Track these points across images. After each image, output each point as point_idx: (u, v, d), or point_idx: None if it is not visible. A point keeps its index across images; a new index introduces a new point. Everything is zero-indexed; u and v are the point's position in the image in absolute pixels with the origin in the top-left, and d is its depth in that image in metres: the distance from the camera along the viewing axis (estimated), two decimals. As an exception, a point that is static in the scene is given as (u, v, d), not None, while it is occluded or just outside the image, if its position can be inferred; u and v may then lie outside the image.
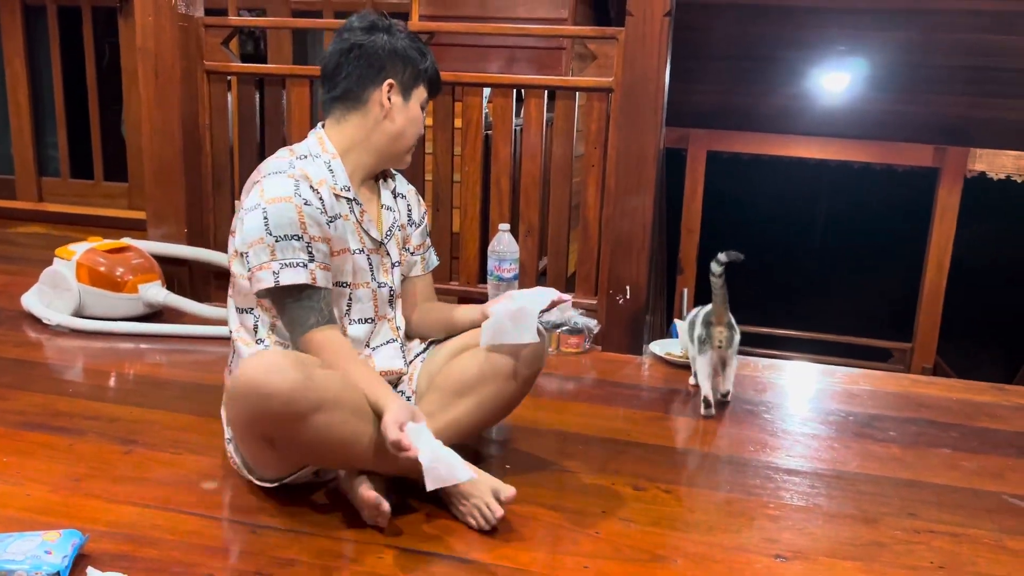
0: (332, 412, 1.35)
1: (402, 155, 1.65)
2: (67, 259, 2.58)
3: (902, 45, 5.10)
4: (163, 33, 2.74)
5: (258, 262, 1.45)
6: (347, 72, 1.56)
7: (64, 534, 1.29)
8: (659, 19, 2.41)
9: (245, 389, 1.34)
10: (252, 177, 1.54)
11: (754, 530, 1.51)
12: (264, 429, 1.38)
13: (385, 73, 1.57)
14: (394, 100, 1.58)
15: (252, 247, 1.45)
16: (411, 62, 1.59)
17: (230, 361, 1.61)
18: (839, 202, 7.55)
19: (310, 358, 1.41)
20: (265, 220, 1.44)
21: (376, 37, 1.56)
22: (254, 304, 1.53)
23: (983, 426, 2.11)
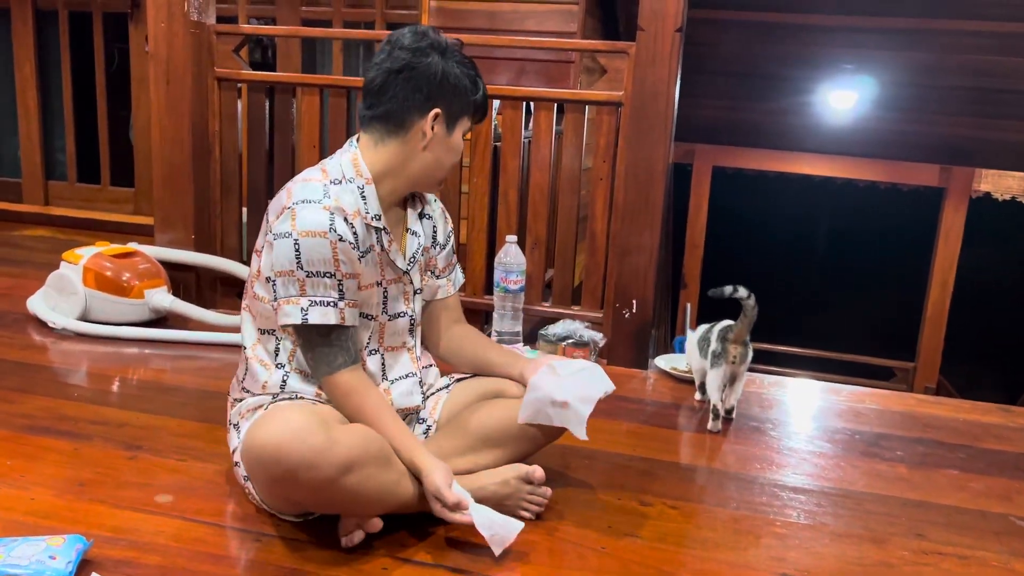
0: (359, 472, 1.31)
1: (436, 183, 1.57)
2: (74, 263, 2.58)
3: (909, 65, 5.12)
4: (175, 39, 2.75)
5: (286, 295, 1.39)
6: (393, 93, 1.45)
7: (68, 539, 1.28)
8: (671, 34, 2.42)
9: (265, 456, 1.29)
10: (281, 198, 1.44)
11: (760, 548, 1.50)
12: (288, 493, 1.36)
13: (433, 102, 1.46)
14: (437, 130, 1.48)
15: (281, 277, 1.39)
16: (462, 92, 1.48)
17: (242, 377, 1.52)
18: (844, 220, 7.56)
19: (330, 413, 1.38)
20: (297, 253, 1.37)
21: (430, 60, 1.44)
22: (276, 327, 1.47)
23: (990, 447, 2.10)
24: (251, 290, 1.49)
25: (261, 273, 1.44)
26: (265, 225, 1.46)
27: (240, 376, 1.54)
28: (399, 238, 1.57)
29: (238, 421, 1.51)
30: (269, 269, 1.41)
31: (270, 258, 1.40)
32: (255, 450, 1.30)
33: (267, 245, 1.41)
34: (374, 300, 1.52)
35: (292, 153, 2.93)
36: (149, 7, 2.75)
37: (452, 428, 1.57)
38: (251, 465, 1.36)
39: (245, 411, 1.50)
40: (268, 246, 1.41)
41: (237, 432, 1.50)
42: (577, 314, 2.68)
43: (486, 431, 1.55)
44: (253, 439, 1.31)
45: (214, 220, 2.95)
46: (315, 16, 4.07)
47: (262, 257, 1.44)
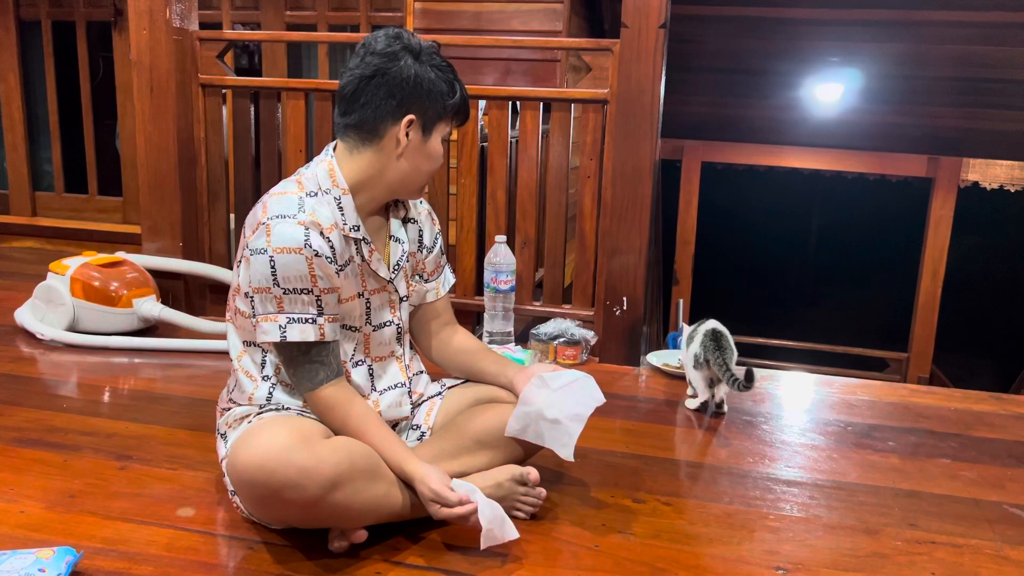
0: (345, 488, 1.30)
1: (417, 190, 1.53)
2: (61, 274, 2.56)
3: (895, 56, 5.14)
4: (158, 47, 2.74)
5: (264, 311, 1.37)
6: (365, 100, 1.41)
7: (58, 551, 1.27)
8: (654, 31, 2.42)
9: (250, 477, 1.27)
10: (256, 212, 1.41)
11: (754, 542, 1.50)
12: (274, 511, 1.35)
13: (406, 107, 1.42)
14: (412, 137, 1.44)
15: (259, 294, 1.36)
16: (437, 96, 1.44)
17: (231, 387, 1.51)
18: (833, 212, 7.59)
19: (315, 429, 1.37)
20: (273, 269, 1.34)
21: (403, 64, 1.40)
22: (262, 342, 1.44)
23: (982, 436, 2.11)
24: (233, 303, 1.48)
25: (240, 288, 1.42)
26: (242, 239, 1.42)
27: (229, 386, 1.53)
28: (382, 246, 1.54)
29: (225, 431, 1.50)
30: (247, 285, 1.38)
31: (248, 273, 1.37)
32: (240, 470, 1.29)
33: (244, 260, 1.39)
34: (357, 312, 1.50)
35: (279, 158, 2.92)
36: (131, 15, 2.74)
37: (446, 432, 1.57)
38: (237, 483, 1.35)
39: (232, 421, 1.49)
40: (245, 261, 1.38)
41: (225, 442, 1.49)
42: (568, 313, 2.68)
43: (480, 434, 1.55)
44: (237, 458, 1.30)
45: (201, 227, 2.94)
46: (300, 20, 4.05)
47: (240, 272, 1.41)
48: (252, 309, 1.39)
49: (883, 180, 5.82)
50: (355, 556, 1.38)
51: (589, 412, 1.53)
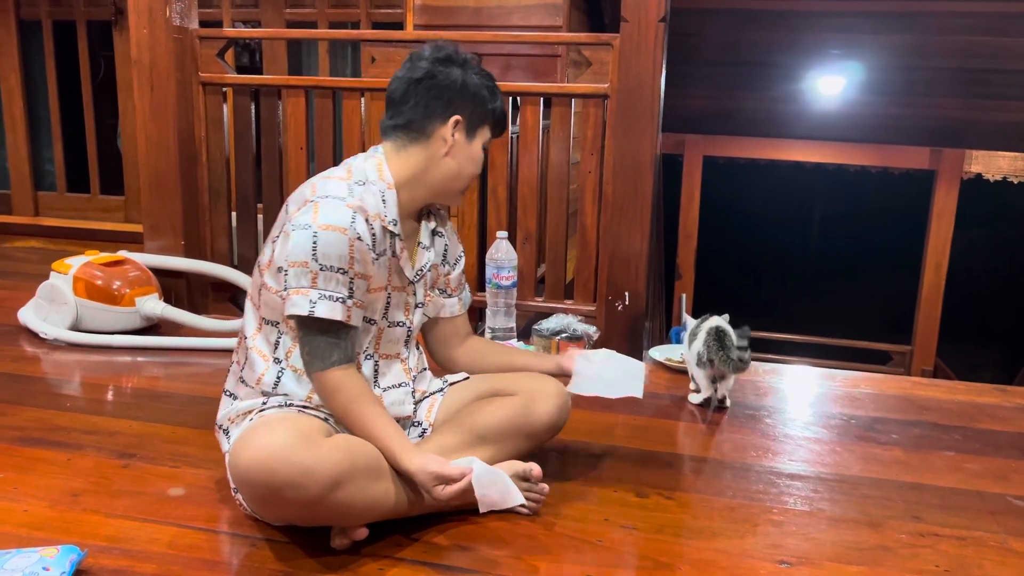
0: (346, 487, 1.30)
1: (457, 193, 1.60)
2: (64, 273, 2.57)
3: (896, 48, 5.12)
4: (158, 45, 2.74)
5: (296, 285, 1.38)
6: (415, 102, 1.50)
7: (62, 550, 1.27)
8: (654, 24, 2.41)
9: (250, 476, 1.28)
10: (303, 191, 1.47)
11: (758, 536, 1.50)
12: (275, 510, 1.35)
13: (453, 108, 1.51)
14: (457, 137, 1.52)
15: (294, 267, 1.37)
16: (481, 100, 1.54)
17: (242, 364, 1.51)
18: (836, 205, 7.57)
19: (316, 427, 1.37)
20: (314, 245, 1.36)
21: (450, 70, 1.51)
22: (281, 320, 1.46)
23: (986, 428, 2.10)
24: (260, 279, 1.48)
25: (273, 263, 1.43)
26: (283, 216, 1.47)
27: (240, 362, 1.52)
28: (411, 249, 1.58)
29: (228, 426, 1.50)
30: (283, 259, 1.39)
31: (285, 248, 1.39)
32: (241, 469, 1.29)
33: (283, 235, 1.41)
34: (379, 304, 1.52)
35: (280, 156, 2.92)
36: (131, 13, 2.74)
37: (448, 427, 1.57)
38: (238, 481, 1.35)
39: (235, 416, 1.49)
40: (284, 236, 1.40)
41: (227, 437, 1.49)
42: (570, 308, 2.68)
43: (482, 429, 1.55)
44: (239, 457, 1.30)
45: (203, 225, 2.94)
46: (300, 18, 4.04)
47: (276, 247, 1.43)
48: (284, 283, 1.39)
49: (886, 172, 5.80)
50: (357, 553, 1.38)
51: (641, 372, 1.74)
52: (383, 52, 2.75)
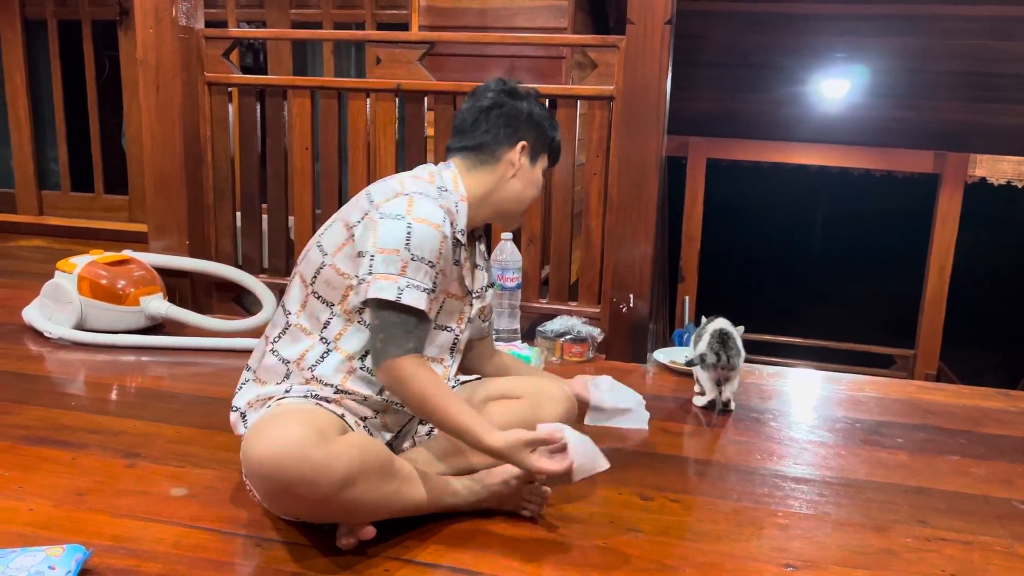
0: (358, 486, 1.30)
1: (517, 215, 1.71)
2: (68, 272, 2.57)
3: (901, 51, 5.11)
4: (164, 45, 2.74)
5: (385, 271, 1.40)
6: (485, 128, 1.61)
7: (67, 549, 1.27)
8: (660, 27, 2.41)
9: (263, 471, 1.27)
10: (390, 184, 1.52)
11: (763, 539, 1.50)
12: (285, 506, 1.35)
13: (520, 135, 1.62)
14: (523, 161, 1.63)
15: (383, 254, 1.41)
16: (543, 129, 1.66)
17: (274, 337, 1.52)
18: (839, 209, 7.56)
19: (331, 423, 1.37)
20: (408, 235, 1.41)
21: (517, 102, 1.63)
22: (338, 302, 1.47)
23: (991, 432, 2.10)
24: (321, 258, 1.49)
25: (350, 247, 1.46)
26: (364, 202, 1.49)
27: (272, 336, 1.53)
28: (470, 265, 1.66)
29: (246, 410, 1.50)
30: (369, 245, 1.42)
31: (372, 235, 1.42)
32: (253, 462, 1.29)
33: (369, 222, 1.44)
34: (435, 306, 1.56)
35: (285, 156, 2.92)
36: (136, 13, 2.74)
37: None
38: (249, 474, 1.34)
39: (254, 400, 1.49)
40: (370, 223, 1.44)
41: (244, 422, 1.49)
42: (574, 310, 2.68)
43: None
44: (251, 450, 1.29)
45: (208, 225, 2.94)
46: (305, 18, 4.05)
47: (358, 232, 1.45)
48: (370, 268, 1.41)
49: (890, 176, 5.79)
50: (363, 553, 1.38)
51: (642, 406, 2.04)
52: (388, 53, 2.75)
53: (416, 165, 2.45)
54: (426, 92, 2.73)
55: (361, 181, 2.82)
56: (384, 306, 1.41)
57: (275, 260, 2.99)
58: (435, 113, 2.75)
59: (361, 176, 2.82)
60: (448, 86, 2.70)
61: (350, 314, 1.47)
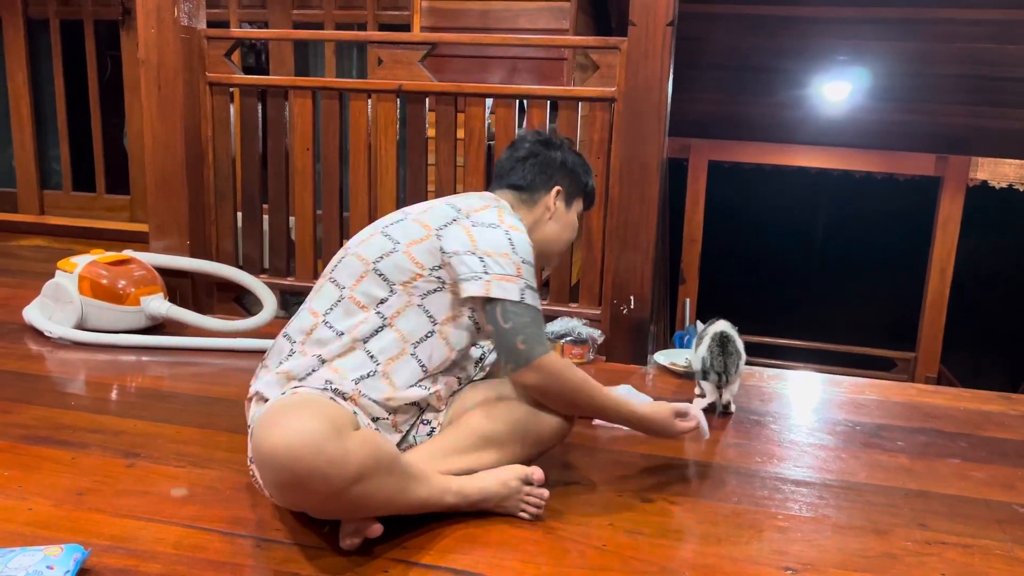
0: (369, 482, 1.29)
1: (554, 256, 1.81)
2: (69, 271, 2.57)
3: (903, 54, 5.11)
4: (166, 45, 2.74)
5: (502, 272, 1.49)
6: (522, 174, 1.74)
7: (66, 549, 1.27)
8: (662, 28, 2.41)
9: (275, 462, 1.24)
10: (470, 200, 1.62)
11: (763, 542, 1.50)
12: (293, 498, 1.33)
13: (555, 181, 1.75)
14: (558, 205, 1.75)
15: (494, 256, 1.50)
16: (577, 175, 1.79)
17: (326, 310, 1.54)
18: (841, 211, 7.55)
19: (345, 418, 1.34)
20: (510, 240, 1.52)
21: (551, 151, 1.76)
22: (400, 283, 1.52)
23: (992, 435, 2.10)
24: (387, 245, 1.55)
25: (430, 242, 1.52)
26: (447, 210, 1.58)
27: (322, 310, 1.54)
28: None
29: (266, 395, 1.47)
30: (472, 247, 1.51)
31: (468, 238, 1.51)
32: (265, 452, 1.26)
33: (460, 228, 1.53)
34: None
35: (286, 157, 2.92)
36: (139, 13, 2.75)
37: (455, 429, 1.58)
38: (259, 463, 1.32)
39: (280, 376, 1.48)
40: (463, 228, 1.53)
41: (264, 404, 1.45)
42: (575, 311, 2.68)
43: (489, 432, 1.55)
44: (265, 440, 1.26)
45: (209, 225, 2.94)
46: (307, 19, 4.06)
47: (446, 233, 1.53)
48: (483, 268, 1.48)
49: (891, 179, 5.79)
50: (363, 554, 1.37)
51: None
52: (390, 54, 2.75)
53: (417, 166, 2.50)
54: (428, 93, 2.74)
55: (362, 182, 2.82)
56: (510, 305, 1.49)
57: (276, 260, 3.00)
58: (436, 114, 2.75)
59: (362, 177, 2.82)
60: (449, 87, 2.70)
61: (411, 296, 1.52)
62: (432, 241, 1.53)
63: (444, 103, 2.74)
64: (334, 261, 1.63)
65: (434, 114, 2.76)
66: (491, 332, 1.52)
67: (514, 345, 1.49)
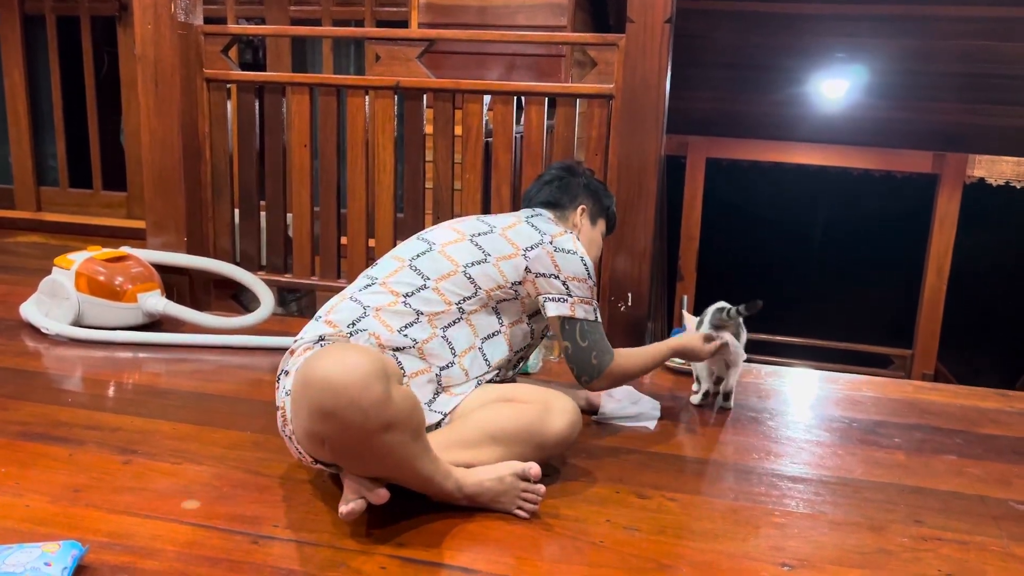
0: (398, 433, 1.32)
1: None
2: (66, 268, 2.57)
3: (900, 52, 5.12)
4: (162, 41, 2.73)
5: (581, 295, 1.75)
6: (548, 195, 1.98)
7: (64, 545, 1.27)
8: (660, 25, 2.41)
9: (324, 384, 1.28)
10: (544, 223, 1.83)
11: (760, 538, 1.50)
12: (323, 430, 1.33)
13: (579, 200, 1.98)
14: (584, 222, 1.98)
15: (575, 282, 1.75)
16: (599, 197, 2.03)
17: (406, 292, 1.68)
18: (838, 209, 7.56)
19: (395, 370, 1.41)
20: (586, 266, 1.77)
21: (575, 177, 2.01)
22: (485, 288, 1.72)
23: (988, 432, 2.10)
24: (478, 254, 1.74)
25: (518, 261, 1.74)
26: (531, 232, 1.79)
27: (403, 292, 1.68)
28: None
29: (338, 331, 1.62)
30: (556, 271, 1.75)
31: (551, 262, 1.75)
32: (318, 375, 1.29)
33: (544, 253, 1.75)
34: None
35: (283, 153, 2.91)
36: (135, 9, 2.74)
37: (461, 423, 1.60)
38: (307, 387, 1.32)
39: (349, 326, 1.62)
40: (547, 254, 1.75)
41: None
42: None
43: (493, 430, 1.57)
44: (318, 365, 1.30)
45: (206, 222, 2.94)
46: (304, 15, 4.04)
47: (532, 255, 1.75)
48: (567, 291, 1.74)
49: (889, 176, 5.80)
50: (360, 550, 1.38)
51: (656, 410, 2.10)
52: (387, 50, 2.74)
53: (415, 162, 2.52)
54: (425, 90, 2.73)
55: (359, 178, 2.82)
56: (587, 325, 1.76)
57: (273, 257, 2.99)
58: (434, 111, 2.74)
59: (360, 173, 2.82)
60: (447, 83, 2.70)
61: (490, 300, 1.73)
62: (519, 260, 1.75)
63: (442, 99, 2.73)
64: (413, 248, 1.78)
65: (432, 111, 2.76)
66: (567, 347, 1.77)
67: (589, 360, 1.76)
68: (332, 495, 1.54)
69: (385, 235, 2.83)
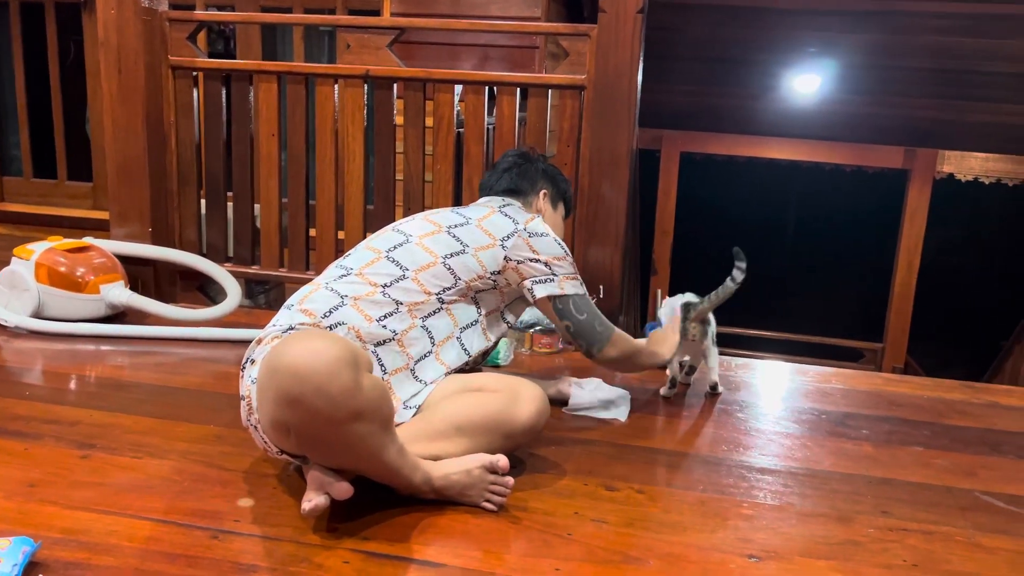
0: (366, 423, 1.29)
1: None
2: (25, 259, 2.51)
3: (872, 47, 5.15)
4: (126, 27, 2.68)
5: (565, 272, 1.80)
6: (508, 181, 2.00)
7: (15, 541, 1.23)
8: (632, 16, 2.40)
9: (293, 370, 1.24)
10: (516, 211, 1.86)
11: (728, 530, 1.49)
12: (289, 418, 1.30)
13: (540, 185, 2.03)
14: (546, 206, 2.02)
15: (556, 260, 1.79)
16: (557, 182, 2.08)
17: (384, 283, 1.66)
18: (810, 203, 7.63)
19: (366, 359, 1.36)
20: (561, 246, 1.82)
21: (532, 163, 2.04)
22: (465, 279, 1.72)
23: (954, 424, 2.12)
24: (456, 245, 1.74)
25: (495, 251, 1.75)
26: (506, 222, 1.80)
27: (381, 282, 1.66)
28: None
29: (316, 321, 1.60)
30: (534, 254, 1.77)
31: (527, 247, 1.77)
32: (285, 361, 1.25)
33: (520, 239, 1.77)
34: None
35: (251, 142, 2.87)
36: (99, -6, 2.68)
37: (428, 414, 1.57)
38: (273, 373, 1.28)
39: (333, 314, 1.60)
40: (522, 240, 1.77)
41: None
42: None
43: (460, 421, 1.54)
44: (288, 350, 1.26)
45: (171, 213, 2.89)
46: (275, 3, 3.98)
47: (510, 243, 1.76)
48: (551, 271, 1.78)
49: (860, 171, 5.85)
50: (323, 545, 1.35)
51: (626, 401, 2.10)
52: (357, 38, 2.71)
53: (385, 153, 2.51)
54: (396, 79, 2.70)
55: (328, 169, 2.78)
56: (579, 299, 1.82)
57: (240, 248, 2.94)
58: (405, 101, 2.71)
59: (329, 164, 2.78)
60: (418, 72, 2.67)
61: (469, 290, 1.74)
62: (497, 250, 1.76)
63: (412, 89, 2.70)
64: (389, 240, 1.76)
65: (402, 101, 2.73)
66: (567, 325, 1.82)
67: (594, 328, 1.84)
68: (296, 489, 1.51)
69: (355, 227, 2.79)
